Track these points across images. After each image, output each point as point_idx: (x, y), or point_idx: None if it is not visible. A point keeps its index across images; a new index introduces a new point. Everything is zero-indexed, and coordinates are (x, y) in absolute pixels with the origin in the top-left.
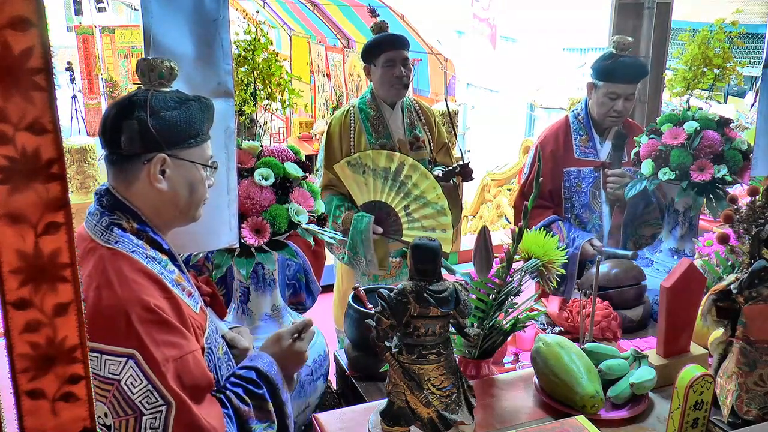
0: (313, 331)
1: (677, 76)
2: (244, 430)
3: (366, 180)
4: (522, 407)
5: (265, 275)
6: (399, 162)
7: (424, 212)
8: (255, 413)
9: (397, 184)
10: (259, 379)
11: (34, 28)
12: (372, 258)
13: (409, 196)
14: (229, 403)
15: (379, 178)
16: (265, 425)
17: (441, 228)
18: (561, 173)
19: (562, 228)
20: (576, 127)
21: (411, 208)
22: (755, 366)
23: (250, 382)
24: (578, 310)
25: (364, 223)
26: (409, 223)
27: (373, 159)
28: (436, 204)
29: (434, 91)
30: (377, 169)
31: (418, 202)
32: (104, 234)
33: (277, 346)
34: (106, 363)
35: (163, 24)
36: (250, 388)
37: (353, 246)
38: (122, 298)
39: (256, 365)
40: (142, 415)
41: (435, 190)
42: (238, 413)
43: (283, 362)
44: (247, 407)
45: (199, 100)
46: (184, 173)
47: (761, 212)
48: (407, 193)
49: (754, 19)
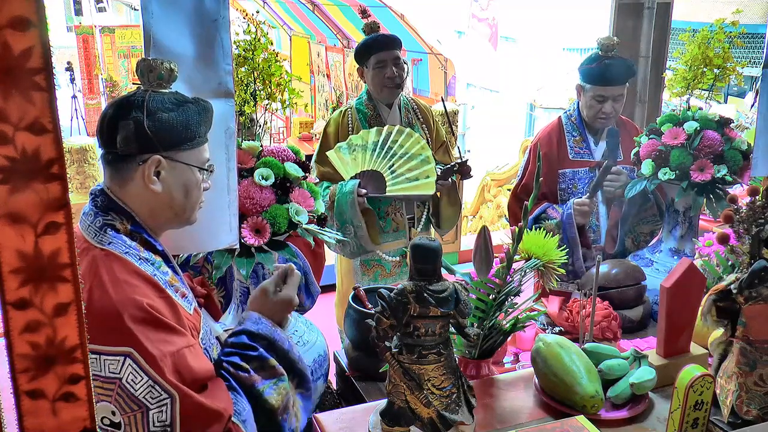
0: (298, 275)
1: (677, 76)
2: (252, 395)
3: (355, 156)
4: (522, 407)
5: (265, 275)
6: (387, 131)
7: (408, 165)
8: (258, 375)
9: (383, 150)
10: (251, 341)
11: (34, 28)
12: (360, 223)
13: (394, 156)
14: (229, 375)
15: (368, 151)
16: (273, 381)
17: (424, 175)
18: (556, 175)
19: (556, 208)
20: (569, 128)
21: (395, 165)
22: (755, 366)
23: (243, 347)
24: (578, 310)
25: (349, 185)
26: (394, 179)
27: (362, 137)
28: (420, 155)
29: (434, 91)
30: (366, 145)
31: (402, 159)
32: (97, 235)
33: (263, 300)
34: (106, 363)
35: (163, 24)
36: (245, 353)
37: (340, 213)
38: (115, 299)
39: (246, 327)
40: (148, 409)
41: (419, 143)
42: (240, 382)
43: (272, 314)
44: (247, 373)
45: (197, 102)
46: (179, 175)
47: (761, 212)
48: (393, 154)
49: (754, 19)
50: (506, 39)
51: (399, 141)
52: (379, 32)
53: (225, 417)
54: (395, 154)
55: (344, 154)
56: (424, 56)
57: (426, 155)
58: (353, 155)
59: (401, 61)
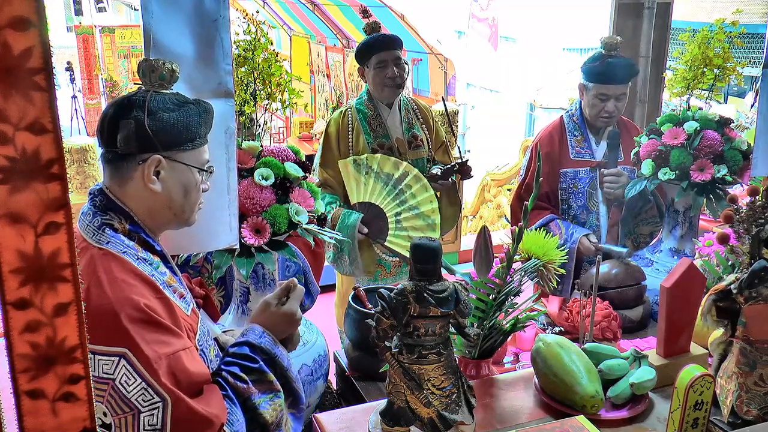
0: (301, 289)
1: (677, 76)
2: (247, 407)
3: (366, 181)
4: (522, 407)
5: (265, 275)
6: (404, 171)
7: (414, 223)
8: (256, 388)
9: (395, 191)
10: (253, 353)
11: (34, 28)
12: (356, 258)
13: (404, 204)
14: (227, 384)
15: (379, 181)
16: (269, 396)
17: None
18: (557, 175)
19: (560, 225)
20: (571, 127)
21: (402, 215)
22: (755, 366)
23: (244, 358)
24: (578, 310)
25: (352, 219)
26: (397, 230)
27: (379, 163)
28: (429, 217)
29: (434, 91)
30: (380, 173)
31: (410, 212)
32: (96, 234)
33: (266, 314)
34: (100, 363)
35: (163, 24)
36: (246, 364)
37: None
38: (112, 298)
39: (248, 339)
40: (139, 412)
41: (431, 204)
42: (237, 392)
43: (275, 328)
44: (246, 384)
45: (198, 103)
46: (178, 176)
47: (761, 212)
48: (403, 201)
49: (754, 19)
50: (506, 39)
51: (413, 190)
52: (380, 32)
53: (217, 425)
54: (405, 202)
55: (356, 170)
56: (424, 56)
57: (434, 220)
58: (365, 177)
59: (402, 61)
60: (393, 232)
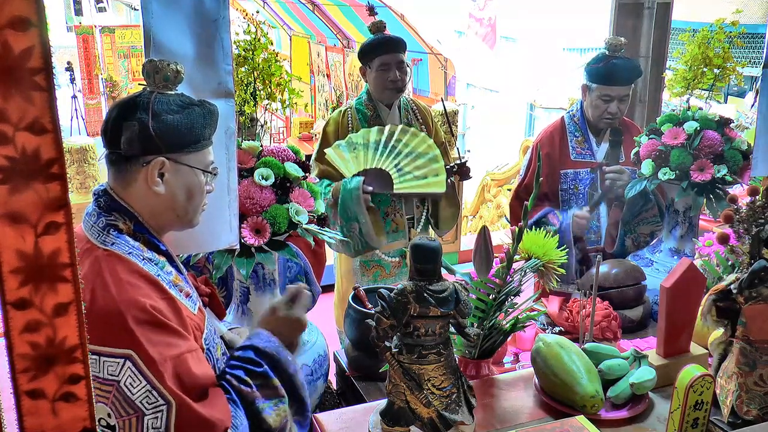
0: (307, 294)
1: (677, 76)
2: (251, 411)
3: (357, 155)
4: (522, 407)
5: (265, 275)
6: (389, 131)
7: (416, 164)
8: (260, 392)
9: (387, 149)
10: (258, 357)
11: (34, 28)
12: (365, 220)
13: (400, 155)
14: (231, 388)
15: (370, 149)
16: (274, 402)
17: (433, 173)
18: (558, 175)
19: (558, 215)
20: (572, 128)
21: (402, 163)
22: (755, 366)
23: (249, 362)
24: (578, 310)
25: (354, 182)
26: (401, 177)
27: (363, 136)
28: (428, 153)
29: (434, 91)
30: (368, 144)
31: (408, 157)
32: (101, 235)
33: (272, 319)
34: (105, 364)
35: (163, 24)
36: (250, 368)
37: (344, 211)
38: (118, 299)
39: (253, 343)
40: (143, 415)
41: (426, 142)
42: (241, 396)
43: (281, 333)
44: (250, 388)
45: (203, 105)
46: (182, 178)
47: (761, 212)
48: (398, 152)
49: (754, 19)
50: (506, 39)
51: (404, 140)
52: (385, 32)
53: (221, 429)
54: (400, 153)
55: (344, 151)
56: (424, 56)
57: (434, 154)
58: (354, 153)
59: (405, 65)
60: (397, 180)
